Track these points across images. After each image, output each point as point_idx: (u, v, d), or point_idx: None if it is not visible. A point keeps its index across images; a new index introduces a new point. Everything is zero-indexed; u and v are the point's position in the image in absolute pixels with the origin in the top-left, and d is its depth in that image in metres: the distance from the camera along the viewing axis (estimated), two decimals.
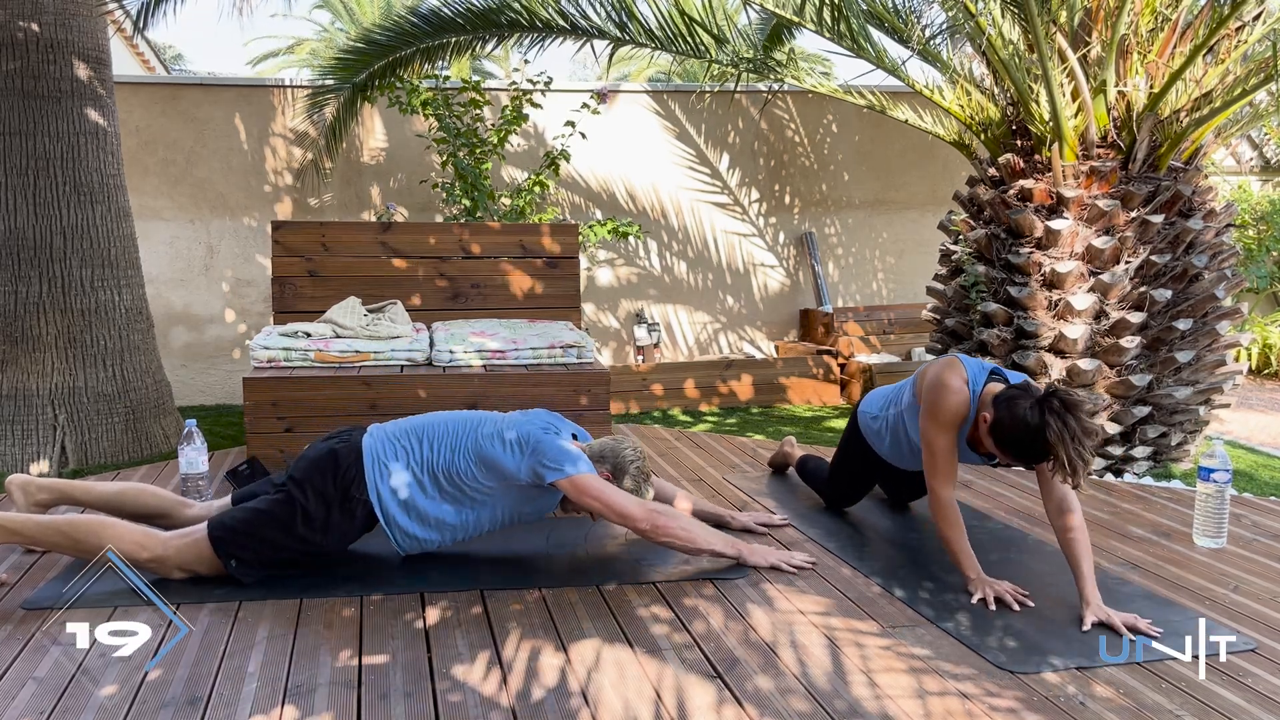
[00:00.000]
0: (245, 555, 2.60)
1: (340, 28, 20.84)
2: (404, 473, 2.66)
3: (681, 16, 5.11)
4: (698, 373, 6.11)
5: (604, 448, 2.80)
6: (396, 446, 2.69)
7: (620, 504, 2.62)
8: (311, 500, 2.62)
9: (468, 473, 2.66)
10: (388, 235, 4.53)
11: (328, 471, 2.64)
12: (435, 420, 2.78)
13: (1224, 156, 7.52)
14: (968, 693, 2.05)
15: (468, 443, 2.68)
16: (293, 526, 2.61)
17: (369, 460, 2.66)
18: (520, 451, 2.63)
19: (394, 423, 2.80)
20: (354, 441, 2.71)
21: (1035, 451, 2.44)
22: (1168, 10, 4.24)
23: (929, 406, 2.70)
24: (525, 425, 2.69)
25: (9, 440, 4.32)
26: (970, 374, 2.67)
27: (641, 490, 2.78)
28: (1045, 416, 2.40)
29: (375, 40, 5.70)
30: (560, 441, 2.66)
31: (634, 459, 2.78)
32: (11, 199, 4.36)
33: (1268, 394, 6.50)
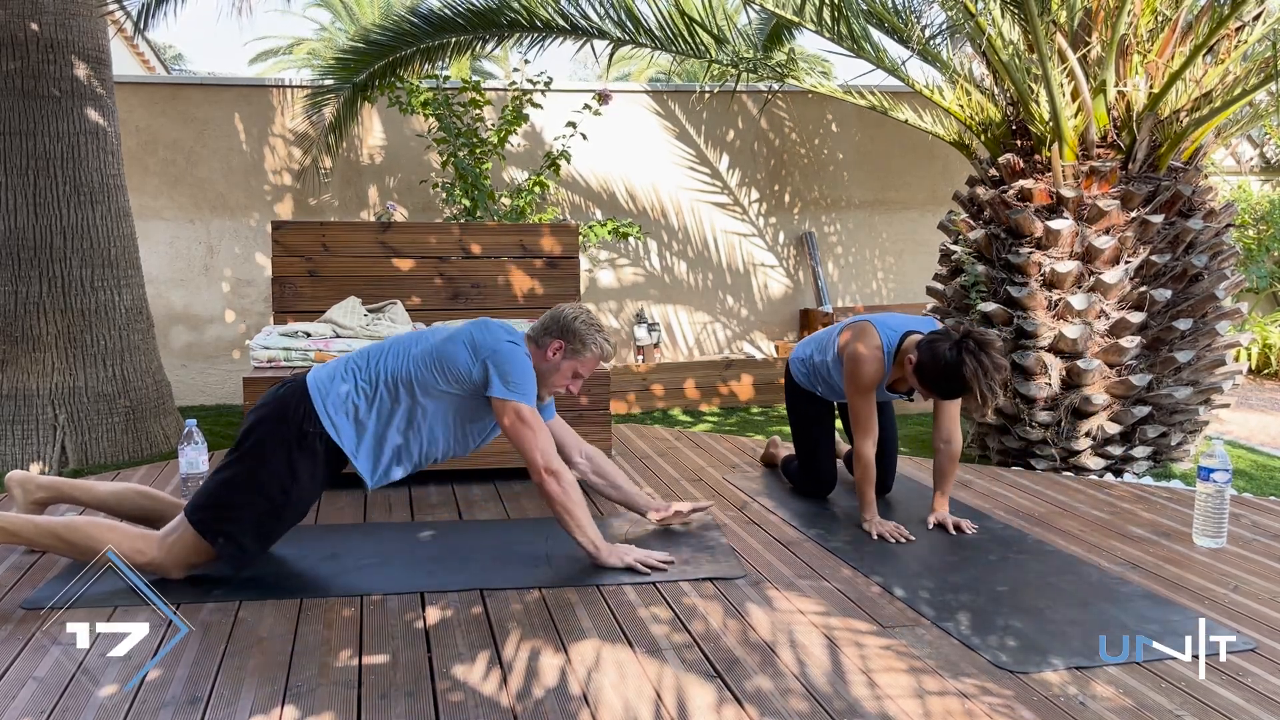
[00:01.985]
0: (228, 528, 2.56)
1: (340, 27, 20.84)
2: (352, 394, 2.62)
3: (681, 16, 5.11)
4: (698, 373, 6.11)
5: (548, 320, 2.77)
6: (343, 371, 2.66)
7: (533, 452, 2.61)
8: (269, 449, 2.58)
9: (418, 377, 2.63)
10: (388, 235, 4.53)
11: (277, 417, 2.60)
12: (382, 341, 2.76)
13: (1224, 156, 7.52)
14: (968, 693, 2.05)
15: (418, 348, 2.66)
16: (261, 482, 2.57)
17: (315, 392, 2.62)
18: (474, 353, 2.62)
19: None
20: (298, 381, 2.67)
21: (954, 388, 2.84)
22: (1168, 10, 4.24)
23: (848, 375, 3.14)
24: (483, 333, 2.66)
25: (9, 440, 4.32)
26: (884, 338, 3.09)
27: (598, 344, 2.75)
28: (962, 354, 2.79)
29: (375, 40, 5.70)
30: (524, 360, 2.64)
31: (577, 315, 2.76)
32: (11, 199, 4.36)
33: (1268, 394, 6.50)
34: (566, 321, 2.74)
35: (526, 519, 3.31)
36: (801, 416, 3.58)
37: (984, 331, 2.86)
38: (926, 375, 2.90)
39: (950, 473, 3.21)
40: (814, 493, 3.59)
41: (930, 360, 2.87)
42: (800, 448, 3.62)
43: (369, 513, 3.41)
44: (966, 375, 2.77)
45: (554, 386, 2.81)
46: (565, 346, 2.75)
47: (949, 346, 2.83)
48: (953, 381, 2.82)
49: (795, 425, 3.62)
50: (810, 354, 3.47)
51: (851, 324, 3.25)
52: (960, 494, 3.65)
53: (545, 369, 2.76)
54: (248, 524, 2.59)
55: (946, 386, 2.87)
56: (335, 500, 3.55)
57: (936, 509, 3.20)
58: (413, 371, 2.64)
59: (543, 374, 2.77)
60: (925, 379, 2.91)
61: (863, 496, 3.18)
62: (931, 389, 2.93)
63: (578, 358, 2.77)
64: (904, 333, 3.10)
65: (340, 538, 3.07)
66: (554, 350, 2.75)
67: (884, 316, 3.23)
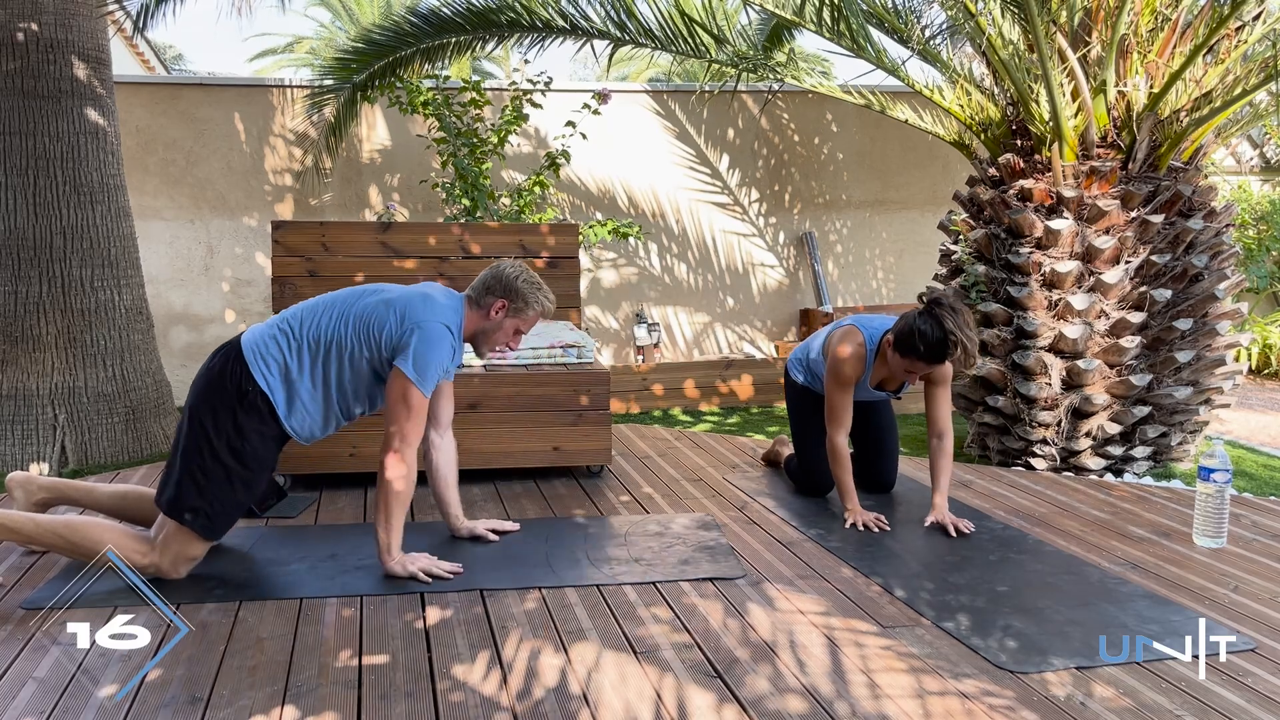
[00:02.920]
0: (196, 503, 2.57)
1: (340, 27, 20.84)
2: (285, 353, 2.63)
3: (681, 16, 5.11)
4: (698, 373, 6.11)
5: (489, 280, 2.77)
6: (275, 330, 2.67)
7: (395, 429, 2.59)
8: (214, 414, 2.59)
9: (344, 341, 2.63)
10: (388, 235, 4.53)
11: (216, 380, 2.61)
12: (316, 300, 2.76)
13: (1224, 156, 7.52)
14: (968, 693, 2.05)
15: (352, 311, 2.66)
16: (212, 447, 2.58)
17: (249, 352, 2.62)
18: (402, 321, 2.62)
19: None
20: (233, 343, 2.68)
21: (937, 346, 2.93)
22: (1168, 10, 4.24)
23: (829, 371, 3.26)
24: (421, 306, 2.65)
25: (9, 440, 4.32)
26: (867, 336, 3.22)
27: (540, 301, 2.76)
28: (936, 311, 2.94)
29: (375, 40, 5.70)
30: (441, 354, 2.63)
31: (518, 274, 2.77)
32: (11, 199, 4.36)
33: (1268, 394, 6.50)
34: (509, 280, 2.76)
35: (526, 519, 3.31)
36: (800, 415, 3.61)
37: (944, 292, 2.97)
38: (907, 344, 3.00)
39: (946, 469, 3.24)
40: (812, 491, 3.61)
41: (906, 330, 3.00)
42: (799, 446, 3.64)
43: (369, 513, 3.41)
44: (948, 327, 2.90)
45: (495, 343, 2.83)
46: (508, 305, 2.76)
47: (919, 313, 3.00)
48: (935, 339, 2.93)
49: (794, 424, 3.65)
50: (805, 353, 3.58)
51: (838, 329, 3.35)
52: (960, 494, 3.65)
53: (488, 327, 2.79)
54: (212, 494, 2.59)
55: (931, 347, 2.95)
56: (335, 500, 3.55)
57: (935, 508, 3.21)
58: (341, 335, 2.65)
59: (485, 332, 2.79)
60: (907, 348, 3.01)
61: (841, 485, 3.27)
62: (914, 355, 3.00)
63: (520, 316, 2.79)
64: (885, 330, 3.19)
65: (340, 538, 3.07)
66: (496, 309, 2.76)
67: (871, 318, 3.33)
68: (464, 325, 2.77)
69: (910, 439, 4.94)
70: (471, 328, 2.80)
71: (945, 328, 2.91)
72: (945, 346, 2.93)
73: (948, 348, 2.93)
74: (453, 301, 2.76)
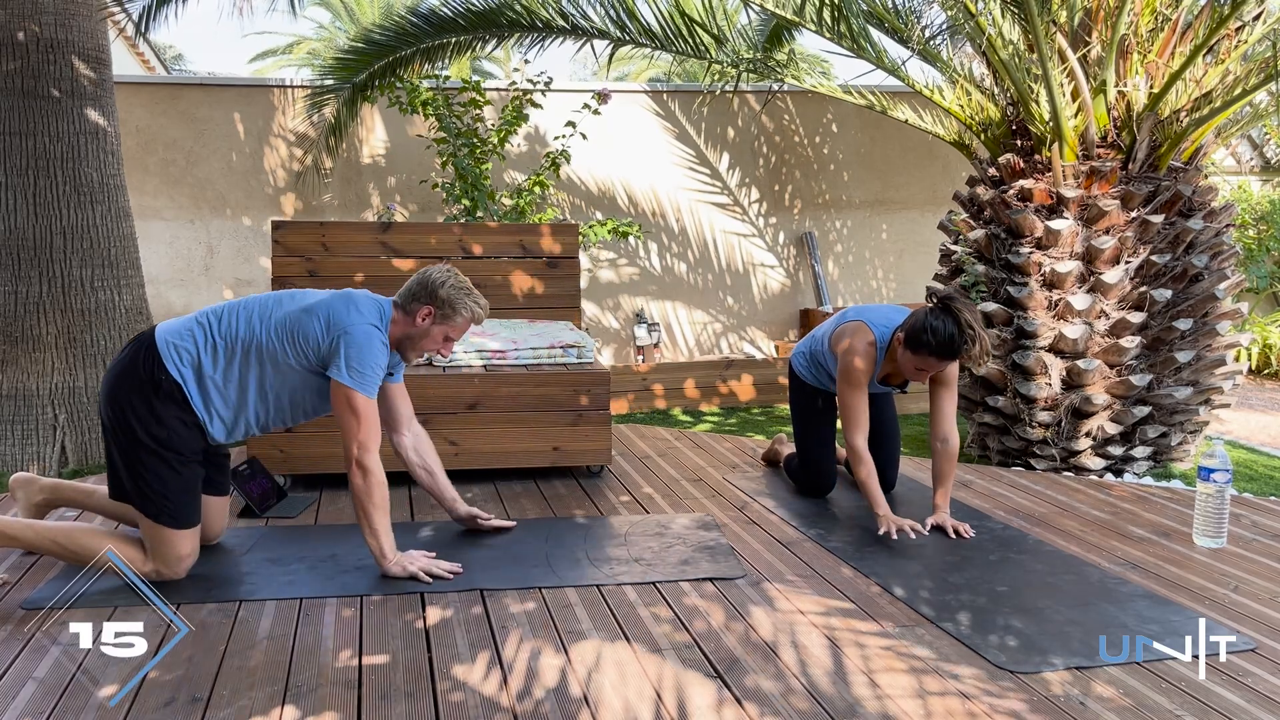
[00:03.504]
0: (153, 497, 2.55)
1: (340, 27, 20.84)
2: (201, 353, 2.59)
3: (681, 17, 5.11)
4: (698, 373, 6.11)
5: (415, 286, 2.72)
6: (193, 327, 2.63)
7: (351, 443, 2.56)
8: (132, 405, 2.55)
9: (268, 347, 2.60)
10: (388, 235, 4.53)
11: (129, 372, 2.58)
12: (237, 301, 2.72)
13: (1224, 156, 7.52)
14: (968, 693, 2.05)
15: (275, 316, 2.62)
16: (137, 439, 2.55)
17: (162, 344, 2.58)
18: (328, 328, 2.58)
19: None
20: (145, 336, 2.64)
21: (949, 343, 2.91)
22: (1168, 10, 4.24)
23: (841, 371, 3.20)
24: (344, 309, 2.61)
25: (9, 440, 4.32)
26: (877, 333, 3.17)
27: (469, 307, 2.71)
28: (949, 308, 2.92)
29: (375, 40, 5.70)
30: (374, 355, 2.59)
31: (445, 279, 2.70)
32: (11, 199, 4.36)
33: (1268, 394, 6.50)
34: (435, 286, 2.69)
35: (526, 519, 3.31)
36: (803, 414, 3.59)
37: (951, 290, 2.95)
38: (919, 341, 2.96)
39: (949, 472, 3.21)
40: (813, 491, 3.60)
41: (918, 327, 2.96)
42: (801, 445, 3.63)
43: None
44: (963, 321, 2.88)
45: (422, 350, 2.78)
46: (435, 312, 2.70)
47: (930, 310, 2.97)
48: (944, 334, 2.91)
49: (797, 423, 3.63)
50: (809, 347, 3.53)
51: (845, 323, 3.30)
52: (960, 494, 3.65)
53: (415, 334, 2.73)
54: (161, 485, 2.56)
55: (940, 344, 2.92)
56: (335, 500, 3.55)
57: (937, 510, 3.19)
58: (263, 340, 2.60)
59: (413, 338, 2.74)
60: (919, 345, 2.97)
61: (870, 493, 3.12)
62: (927, 352, 2.96)
63: (448, 322, 2.73)
64: (895, 325, 3.16)
65: (340, 538, 3.07)
66: (424, 316, 2.70)
67: (877, 311, 3.27)
68: (391, 330, 2.71)
69: (910, 439, 4.94)
70: (398, 333, 2.73)
71: (959, 324, 2.90)
72: (958, 343, 2.92)
73: (960, 345, 2.91)
74: (377, 305, 2.70)
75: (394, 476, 3.78)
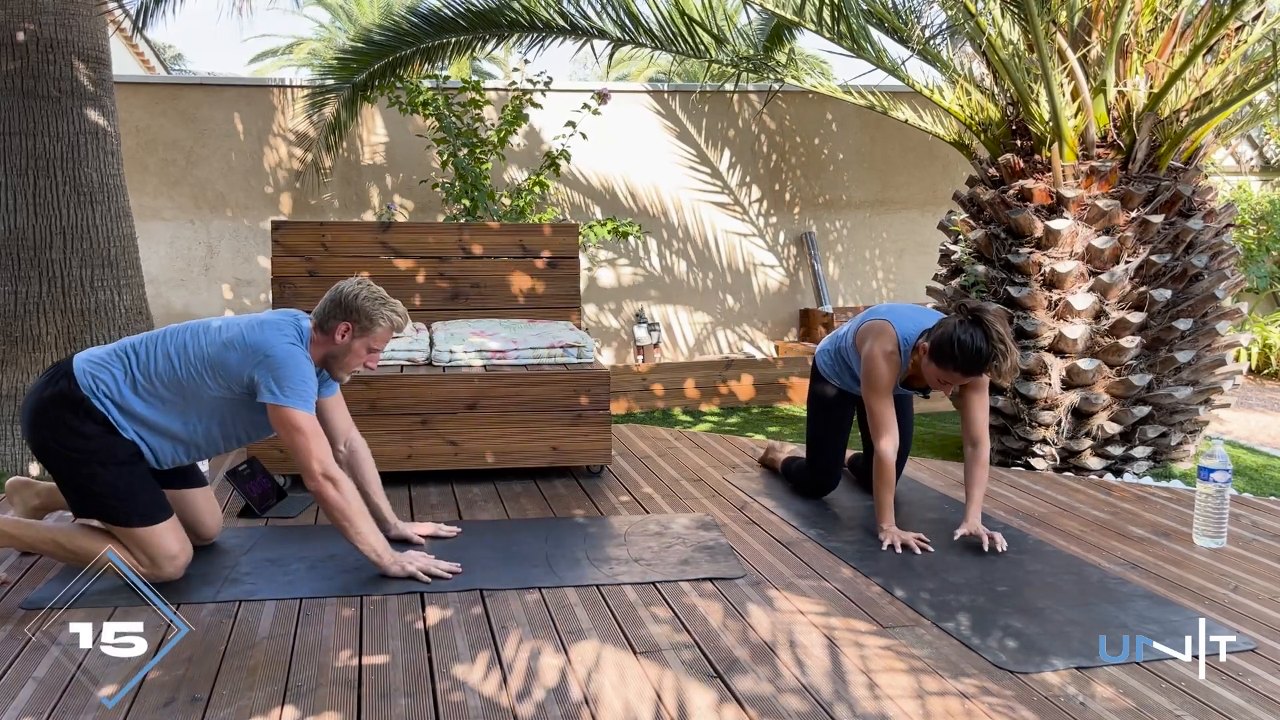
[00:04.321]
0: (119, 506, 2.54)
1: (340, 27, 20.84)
2: (121, 386, 2.56)
3: (681, 16, 5.11)
4: (698, 373, 6.10)
5: (328, 304, 2.66)
6: (110, 358, 2.60)
7: (309, 460, 2.53)
8: (53, 428, 2.52)
9: (188, 381, 2.56)
10: (388, 235, 4.53)
11: (46, 401, 2.54)
12: (155, 333, 2.68)
13: (1224, 156, 7.52)
14: (968, 693, 2.05)
15: (194, 351, 2.58)
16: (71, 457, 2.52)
17: (79, 372, 2.55)
18: (247, 357, 2.54)
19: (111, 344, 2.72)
20: (63, 364, 2.61)
21: (976, 357, 2.79)
22: (1168, 10, 4.24)
23: (866, 376, 3.08)
24: (257, 335, 2.57)
25: (9, 440, 4.32)
26: (901, 336, 3.06)
27: (386, 316, 2.65)
28: (979, 321, 2.80)
29: (375, 40, 5.70)
30: (302, 365, 2.55)
31: (358, 291, 2.65)
32: (11, 199, 4.36)
33: (1268, 394, 6.50)
34: (349, 300, 2.64)
35: (526, 519, 3.31)
36: (821, 413, 3.51)
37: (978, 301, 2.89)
38: (945, 354, 2.84)
39: (981, 479, 3.05)
40: (813, 492, 3.58)
41: (945, 339, 2.83)
42: (812, 446, 3.56)
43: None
44: (990, 336, 2.76)
45: (350, 367, 2.73)
46: (353, 326, 2.65)
47: (959, 322, 2.83)
48: (972, 348, 2.78)
49: (812, 422, 3.55)
50: (834, 344, 3.44)
51: (869, 321, 3.19)
52: (961, 494, 3.64)
53: (337, 351, 2.68)
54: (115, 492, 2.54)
55: (966, 358, 2.80)
56: None
57: (968, 520, 3.01)
58: (183, 375, 2.57)
59: (335, 356, 2.69)
60: (944, 358, 2.84)
61: (880, 503, 3.04)
62: (954, 366, 2.84)
63: (368, 335, 2.67)
64: (921, 329, 3.04)
65: (340, 538, 3.06)
66: (342, 333, 2.65)
67: (901, 312, 3.16)
68: (312, 351, 2.67)
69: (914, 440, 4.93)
70: (320, 353, 2.69)
71: (989, 338, 2.77)
72: (985, 359, 2.79)
73: (988, 360, 2.78)
74: (294, 323, 2.66)
75: (390, 477, 3.79)
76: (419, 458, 3.77)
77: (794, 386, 6.18)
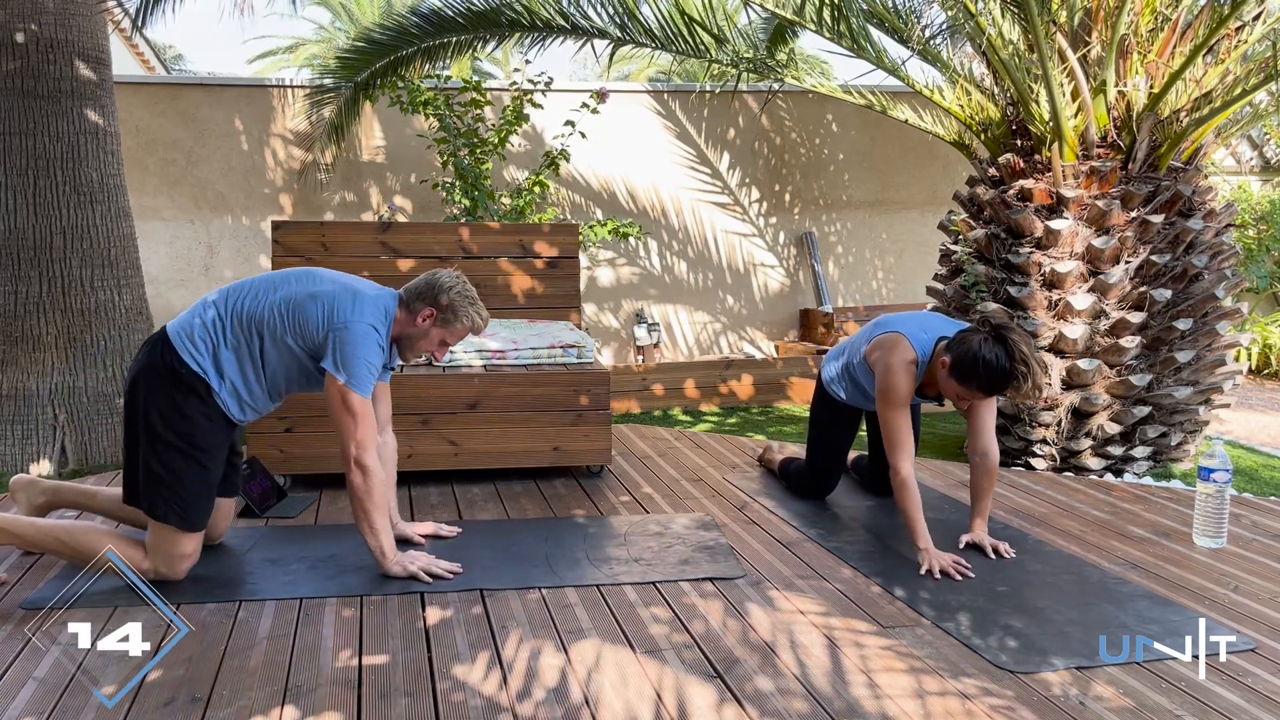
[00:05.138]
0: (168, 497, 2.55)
1: (340, 27, 20.84)
2: (209, 332, 2.61)
3: (681, 16, 5.11)
4: (698, 373, 6.10)
5: (423, 286, 2.70)
6: (200, 310, 2.65)
7: (349, 442, 2.56)
8: (152, 403, 2.56)
9: (269, 321, 2.60)
10: (388, 235, 4.53)
11: (149, 368, 2.59)
12: (244, 281, 2.73)
13: (1224, 156, 7.52)
14: (968, 693, 2.05)
15: (281, 293, 2.64)
16: (161, 438, 2.56)
17: (175, 336, 2.60)
18: (327, 319, 2.58)
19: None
20: (158, 334, 2.66)
21: (1000, 377, 2.71)
22: (1168, 10, 4.24)
23: (882, 390, 2.96)
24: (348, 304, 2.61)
25: (9, 440, 4.32)
26: (918, 349, 2.94)
27: (470, 316, 2.70)
28: (1004, 339, 2.71)
29: (376, 40, 5.70)
30: (370, 354, 2.58)
31: (453, 285, 2.69)
32: (11, 199, 4.36)
33: (1268, 394, 6.50)
34: (441, 290, 2.69)
35: (526, 519, 3.31)
36: (825, 425, 3.47)
37: (1002, 318, 2.81)
38: (967, 371, 2.75)
39: (988, 489, 3.00)
40: (812, 493, 3.58)
41: (968, 356, 2.74)
42: (813, 452, 3.54)
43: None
44: (1015, 356, 2.68)
45: (419, 351, 2.77)
46: (436, 315, 2.70)
47: (981, 339, 2.74)
48: (997, 367, 2.70)
49: (815, 431, 3.52)
50: (843, 360, 3.34)
51: (881, 333, 3.08)
52: (961, 494, 3.65)
53: (414, 333, 2.72)
54: (177, 483, 2.57)
55: (990, 377, 2.72)
56: (335, 500, 3.55)
57: (974, 529, 2.98)
58: (265, 315, 2.62)
59: (410, 338, 2.73)
60: (966, 375, 2.76)
61: (913, 523, 2.84)
62: (976, 385, 2.76)
63: (448, 327, 2.72)
64: (937, 338, 2.96)
65: (340, 538, 3.07)
66: (424, 317, 2.69)
67: (912, 321, 3.07)
68: (392, 326, 2.71)
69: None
70: (398, 330, 2.73)
71: (1013, 358, 2.69)
72: (1008, 379, 2.71)
73: (1011, 380, 2.70)
74: (383, 299, 2.70)
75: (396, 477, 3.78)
76: (419, 458, 3.77)
77: (794, 386, 6.18)
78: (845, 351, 3.33)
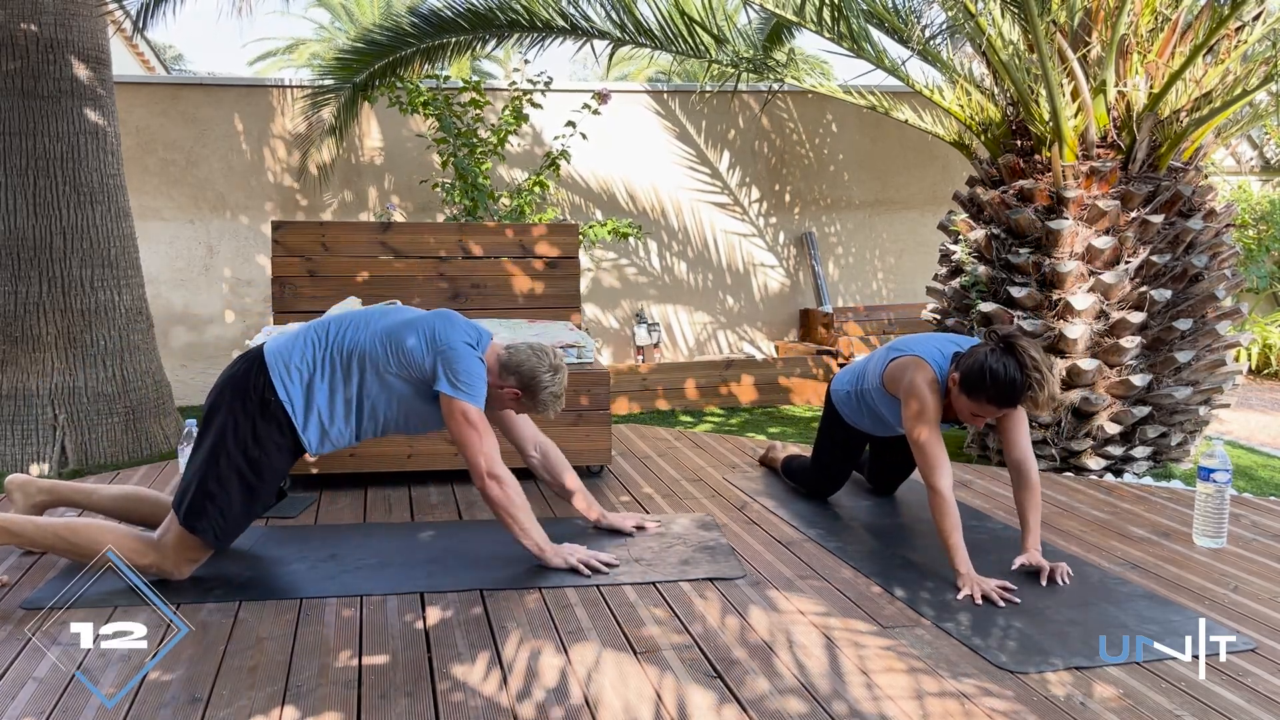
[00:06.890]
0: (212, 512, 2.56)
1: (339, 27, 20.84)
2: (307, 363, 2.62)
3: (681, 16, 5.11)
4: (698, 373, 6.11)
5: (522, 361, 2.73)
6: (301, 340, 2.67)
7: (477, 456, 2.61)
8: (235, 423, 2.58)
9: (371, 354, 2.63)
10: (387, 235, 4.53)
11: (238, 390, 2.61)
12: (344, 313, 2.77)
13: (1224, 156, 7.52)
14: (967, 693, 2.05)
15: (378, 325, 2.67)
16: (229, 456, 2.57)
17: (271, 360, 2.62)
18: (429, 345, 2.62)
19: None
20: (256, 351, 2.68)
21: (1009, 387, 2.62)
22: (1168, 10, 4.24)
23: (913, 411, 2.82)
24: (444, 327, 2.65)
25: (9, 440, 4.32)
26: (936, 368, 2.86)
27: (547, 407, 2.75)
28: (1011, 348, 2.63)
29: (375, 40, 5.70)
30: (477, 365, 2.64)
31: (549, 384, 2.72)
32: (11, 199, 4.36)
33: (1268, 394, 6.50)
34: (534, 378, 2.72)
35: None
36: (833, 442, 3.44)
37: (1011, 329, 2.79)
38: (975, 384, 2.67)
39: (1030, 503, 2.77)
40: (815, 492, 3.58)
41: (976, 369, 2.66)
42: (817, 463, 3.52)
43: (369, 513, 3.41)
44: (1024, 364, 2.59)
45: (492, 408, 2.82)
46: (520, 396, 2.76)
47: (988, 350, 2.68)
48: (1005, 377, 2.62)
49: (823, 445, 3.48)
50: (855, 385, 3.25)
51: (900, 359, 2.98)
52: (961, 494, 3.64)
53: (496, 394, 2.77)
54: (227, 504, 2.58)
55: (999, 389, 2.63)
56: (335, 500, 3.55)
57: (1026, 548, 2.76)
58: (366, 348, 2.64)
59: (490, 395, 2.76)
60: (975, 388, 2.68)
61: (952, 546, 2.67)
62: (986, 399, 2.67)
63: (522, 406, 2.80)
64: (950, 356, 2.88)
65: (340, 538, 3.07)
66: (511, 394, 2.76)
67: (925, 342, 2.98)
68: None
69: None
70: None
71: (1023, 366, 2.60)
72: (1019, 389, 2.61)
73: (1022, 391, 2.60)
74: (475, 329, 2.74)
75: (390, 477, 3.80)
76: (419, 458, 3.77)
77: (794, 387, 6.18)
78: (861, 377, 3.23)
